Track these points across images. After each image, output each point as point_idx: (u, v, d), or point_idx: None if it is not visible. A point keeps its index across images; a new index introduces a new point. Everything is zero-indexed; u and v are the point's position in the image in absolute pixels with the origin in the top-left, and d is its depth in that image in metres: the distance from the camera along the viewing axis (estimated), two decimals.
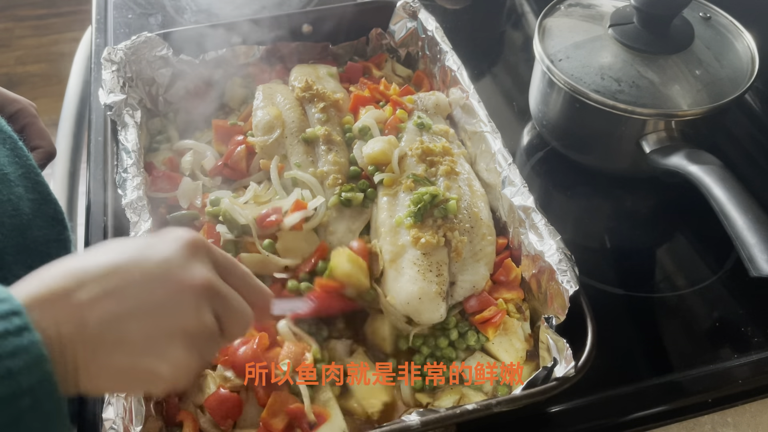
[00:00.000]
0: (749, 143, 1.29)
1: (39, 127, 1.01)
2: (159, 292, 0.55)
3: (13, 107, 0.99)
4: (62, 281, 0.52)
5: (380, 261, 0.98)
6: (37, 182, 0.92)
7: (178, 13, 1.59)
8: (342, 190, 1.03)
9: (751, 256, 0.87)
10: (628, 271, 1.11)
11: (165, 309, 0.55)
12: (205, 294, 0.57)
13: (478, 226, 1.00)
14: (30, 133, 1.00)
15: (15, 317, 0.48)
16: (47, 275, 0.53)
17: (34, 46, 3.51)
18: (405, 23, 1.34)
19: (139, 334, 0.54)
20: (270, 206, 1.00)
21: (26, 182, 0.89)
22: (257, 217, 0.98)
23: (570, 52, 1.14)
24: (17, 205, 0.86)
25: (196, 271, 0.58)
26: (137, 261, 0.56)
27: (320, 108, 1.14)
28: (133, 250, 0.57)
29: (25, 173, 0.90)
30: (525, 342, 0.92)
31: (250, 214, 0.99)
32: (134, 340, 0.53)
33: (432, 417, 0.76)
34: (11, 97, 1.00)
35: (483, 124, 1.10)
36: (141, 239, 0.63)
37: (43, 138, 1.01)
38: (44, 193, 0.93)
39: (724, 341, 1.00)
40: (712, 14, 1.19)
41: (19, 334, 0.47)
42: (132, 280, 0.55)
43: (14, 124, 0.95)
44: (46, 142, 1.01)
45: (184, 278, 0.57)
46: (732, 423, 0.92)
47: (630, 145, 1.10)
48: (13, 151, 0.88)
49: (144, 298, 0.55)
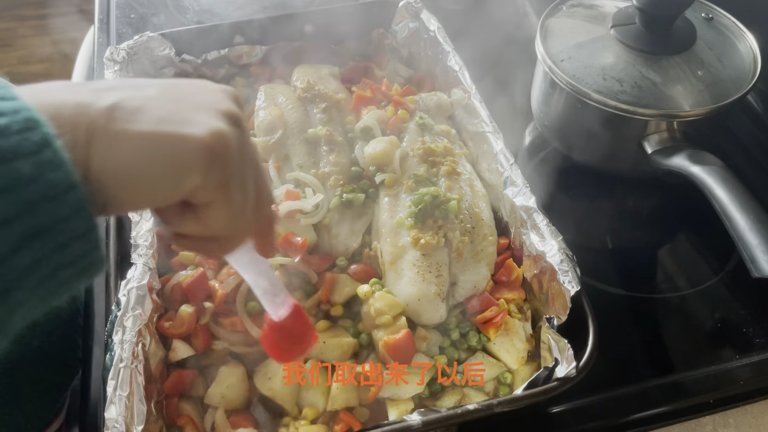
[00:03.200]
0: (751, 144, 1.29)
1: None
2: (184, 89, 0.51)
3: None
4: (62, 82, 0.47)
5: (380, 262, 0.98)
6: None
7: (180, 13, 1.59)
8: (343, 191, 1.04)
9: (753, 257, 0.87)
10: (629, 271, 1.11)
11: (191, 94, 0.50)
12: (234, 99, 0.53)
13: (480, 226, 1.00)
14: None
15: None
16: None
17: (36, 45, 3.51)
18: (407, 23, 1.34)
19: (161, 106, 0.47)
20: None
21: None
22: None
23: (572, 53, 1.14)
24: None
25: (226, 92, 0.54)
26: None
27: (322, 108, 1.15)
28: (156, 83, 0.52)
29: None
30: (526, 342, 0.92)
31: None
32: (158, 108, 0.47)
33: (433, 417, 0.76)
34: None
35: (485, 124, 1.10)
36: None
37: None
38: None
39: (725, 342, 1.00)
40: (714, 15, 1.19)
41: (1, 99, 0.40)
42: (152, 82, 0.50)
43: None
44: None
45: (213, 87, 0.53)
46: (733, 424, 0.92)
47: (632, 146, 1.10)
48: None
49: (166, 90, 0.50)
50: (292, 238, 0.96)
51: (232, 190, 0.51)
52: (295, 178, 1.05)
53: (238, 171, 0.51)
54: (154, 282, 0.90)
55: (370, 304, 0.91)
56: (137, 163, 0.45)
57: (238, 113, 0.53)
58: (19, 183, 0.38)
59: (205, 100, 0.51)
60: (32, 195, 0.39)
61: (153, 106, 0.47)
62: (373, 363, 0.88)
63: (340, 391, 0.86)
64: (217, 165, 0.48)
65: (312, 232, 1.01)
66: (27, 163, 0.38)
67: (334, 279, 0.96)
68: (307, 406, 0.87)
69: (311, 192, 1.03)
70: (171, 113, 0.48)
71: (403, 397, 0.86)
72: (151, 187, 0.47)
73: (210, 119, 0.49)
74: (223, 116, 0.51)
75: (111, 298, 0.87)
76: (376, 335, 0.90)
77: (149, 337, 0.85)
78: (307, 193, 1.03)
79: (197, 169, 0.47)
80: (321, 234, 1.02)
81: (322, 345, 0.90)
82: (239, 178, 0.52)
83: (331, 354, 0.90)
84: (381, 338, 0.88)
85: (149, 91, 0.49)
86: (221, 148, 0.48)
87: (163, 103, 0.48)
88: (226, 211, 0.51)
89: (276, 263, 0.94)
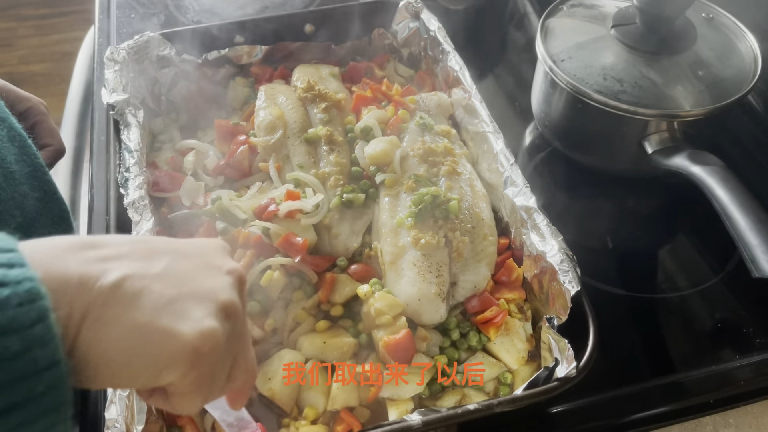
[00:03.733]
0: (752, 144, 1.29)
1: (49, 126, 1.01)
2: (189, 263, 0.50)
3: (24, 105, 0.99)
4: (73, 240, 0.47)
5: (381, 262, 0.98)
6: (44, 180, 0.92)
7: (180, 13, 1.59)
8: (344, 191, 1.04)
9: (753, 257, 0.87)
10: (630, 271, 1.11)
11: (195, 277, 0.50)
12: (238, 284, 0.53)
13: (480, 226, 1.00)
14: (40, 131, 1.00)
15: (7, 253, 0.42)
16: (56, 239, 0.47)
17: (37, 45, 3.52)
18: (407, 23, 1.34)
19: (162, 292, 0.47)
20: (267, 197, 1.01)
21: (32, 180, 0.89)
22: (255, 209, 0.99)
23: (572, 53, 1.14)
24: (21, 203, 0.86)
25: (231, 263, 0.54)
26: (168, 241, 0.52)
27: (322, 108, 1.14)
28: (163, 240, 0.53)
29: (32, 171, 0.90)
30: (526, 342, 0.92)
31: (249, 205, 1.00)
32: (158, 294, 0.47)
33: (433, 417, 0.76)
34: (22, 95, 1.00)
35: (485, 124, 1.10)
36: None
37: (52, 136, 1.01)
38: (50, 191, 0.93)
39: (726, 342, 1.00)
40: (714, 15, 1.19)
41: (9, 267, 0.40)
42: (160, 248, 0.50)
43: (24, 121, 0.96)
44: (55, 141, 1.01)
45: (219, 262, 0.53)
46: (734, 424, 0.92)
47: (632, 146, 1.10)
48: (21, 149, 0.89)
49: (173, 265, 0.49)
50: (293, 239, 0.96)
51: (206, 383, 0.50)
52: (295, 178, 1.05)
53: (219, 367, 0.51)
54: None
55: (370, 304, 0.91)
56: (122, 352, 0.45)
57: (236, 306, 0.52)
58: (3, 358, 0.38)
59: (208, 287, 0.51)
60: (14, 372, 0.39)
61: (154, 291, 0.47)
62: (373, 363, 0.88)
63: (341, 392, 0.86)
64: (198, 365, 0.48)
65: (312, 232, 1.01)
66: (17, 338, 0.39)
67: (334, 279, 0.96)
68: (308, 406, 0.87)
69: (311, 192, 1.03)
70: (169, 302, 0.47)
71: (403, 397, 0.86)
72: (131, 376, 0.47)
73: (205, 315, 0.49)
74: (221, 311, 0.50)
75: None
76: (376, 335, 0.90)
77: None
78: (308, 193, 1.03)
79: (178, 368, 0.47)
80: (321, 234, 1.02)
81: (322, 345, 0.90)
82: (218, 372, 0.51)
83: (331, 354, 0.90)
84: (381, 338, 0.88)
85: (156, 267, 0.48)
86: (207, 349, 0.48)
87: (166, 288, 0.48)
88: (196, 399, 0.51)
89: (276, 263, 0.94)
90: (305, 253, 0.96)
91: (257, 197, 1.04)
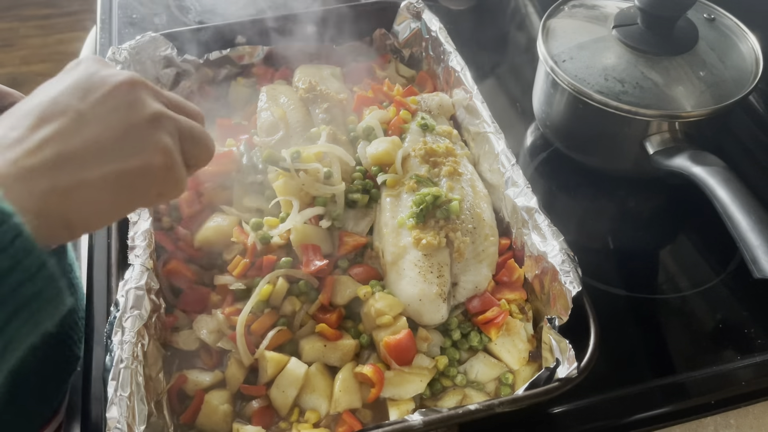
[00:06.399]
0: (753, 145, 1.29)
1: None
2: (108, 133, 0.55)
3: (7, 101, 0.99)
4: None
5: (382, 263, 0.98)
6: None
7: (182, 13, 1.60)
8: (347, 192, 1.04)
9: (754, 258, 0.87)
10: (631, 272, 1.11)
11: (113, 108, 0.56)
12: (157, 123, 0.59)
13: (481, 226, 1.00)
14: None
15: None
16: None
17: (38, 45, 3.52)
18: (409, 24, 1.34)
19: (101, 138, 0.54)
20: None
21: None
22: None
23: (574, 53, 1.14)
24: None
25: (144, 104, 0.59)
26: (75, 105, 0.55)
27: (324, 108, 1.15)
28: (66, 93, 0.56)
29: None
30: (528, 343, 0.92)
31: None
32: (98, 145, 0.54)
33: (434, 417, 0.76)
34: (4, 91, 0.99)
35: (486, 124, 1.10)
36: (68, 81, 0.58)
37: None
38: None
39: (727, 343, 1.00)
40: (716, 15, 1.19)
41: None
42: (74, 120, 0.54)
43: None
44: None
45: (130, 116, 0.57)
46: (735, 425, 0.92)
47: (633, 146, 1.10)
48: None
49: (88, 106, 0.55)
50: (312, 248, 0.97)
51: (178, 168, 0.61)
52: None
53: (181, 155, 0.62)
54: (152, 282, 0.90)
55: (371, 305, 0.91)
56: (117, 204, 0.56)
57: (159, 104, 0.60)
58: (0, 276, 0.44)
59: (129, 114, 0.57)
60: (12, 283, 0.45)
61: (92, 144, 0.53)
62: (374, 364, 0.88)
63: (343, 394, 0.86)
64: (171, 170, 0.59)
65: (329, 242, 1.01)
66: (5, 257, 0.44)
67: (335, 281, 0.96)
68: (309, 409, 0.87)
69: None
70: (114, 146, 0.55)
71: (404, 398, 0.86)
72: (125, 211, 0.58)
73: (151, 137, 0.58)
74: (156, 123, 0.59)
75: (111, 299, 0.87)
76: (377, 336, 0.90)
77: (148, 337, 0.85)
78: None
79: (156, 185, 0.58)
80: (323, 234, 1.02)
81: (323, 348, 0.90)
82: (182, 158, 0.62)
83: (332, 356, 0.90)
84: (382, 339, 0.88)
85: (72, 122, 0.54)
86: (171, 159, 0.58)
87: (101, 134, 0.54)
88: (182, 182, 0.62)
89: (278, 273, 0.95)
90: (321, 258, 0.96)
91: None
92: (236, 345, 0.89)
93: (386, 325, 0.89)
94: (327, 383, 0.88)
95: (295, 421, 0.86)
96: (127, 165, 0.55)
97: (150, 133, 0.58)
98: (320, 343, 0.90)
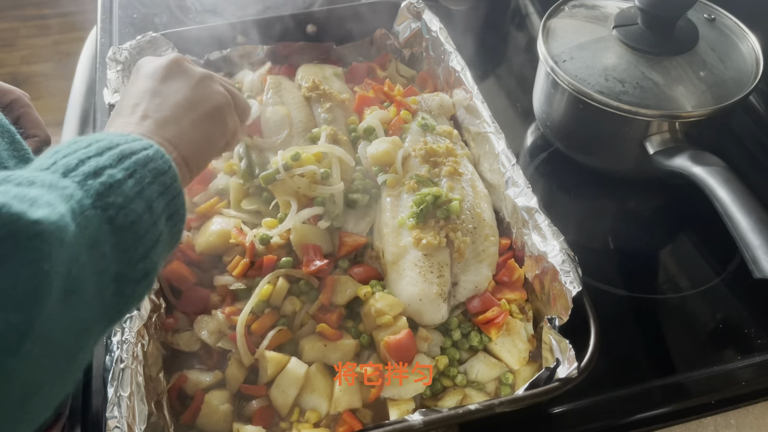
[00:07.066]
0: (753, 145, 1.29)
1: (34, 117, 1.01)
2: (180, 95, 0.79)
3: (7, 98, 0.99)
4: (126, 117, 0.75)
5: (382, 263, 0.98)
6: None
7: (182, 13, 1.60)
8: (347, 191, 1.04)
9: (754, 258, 0.87)
10: (631, 272, 1.11)
11: (193, 101, 0.79)
12: (208, 79, 0.83)
13: (481, 226, 1.00)
14: (25, 123, 1.00)
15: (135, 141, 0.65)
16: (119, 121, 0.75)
17: (39, 45, 3.52)
18: (409, 24, 1.34)
19: (185, 103, 0.78)
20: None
21: None
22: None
23: (574, 53, 1.14)
24: None
25: (194, 70, 0.83)
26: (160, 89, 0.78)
27: (326, 108, 1.15)
28: (143, 85, 0.79)
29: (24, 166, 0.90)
30: (528, 343, 0.92)
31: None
32: (183, 109, 0.77)
33: (434, 417, 0.76)
34: (4, 88, 0.99)
35: (487, 124, 1.10)
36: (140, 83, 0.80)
37: (38, 127, 1.01)
38: None
39: (727, 343, 1.00)
40: (716, 15, 1.19)
41: (144, 146, 0.64)
42: (157, 95, 0.78)
43: (9, 114, 0.95)
44: (41, 131, 1.01)
45: (189, 80, 0.81)
46: (735, 425, 0.92)
47: (634, 146, 1.10)
48: (11, 144, 0.88)
49: (175, 103, 0.78)
50: (312, 248, 0.97)
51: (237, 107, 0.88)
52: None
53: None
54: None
55: (371, 305, 0.91)
56: (204, 138, 0.78)
57: (202, 69, 0.85)
58: (169, 190, 0.64)
59: (188, 79, 0.81)
60: (172, 194, 0.65)
61: (174, 106, 0.77)
62: (374, 364, 0.88)
63: (343, 393, 0.86)
64: (231, 105, 0.84)
65: (329, 242, 1.01)
66: (166, 178, 0.64)
67: (335, 281, 0.96)
68: (309, 409, 0.87)
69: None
70: (189, 102, 0.78)
71: (404, 398, 0.86)
72: (217, 142, 0.82)
73: (209, 87, 0.82)
74: (208, 79, 0.83)
75: None
76: (377, 336, 0.90)
77: (148, 337, 0.85)
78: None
79: (227, 118, 0.83)
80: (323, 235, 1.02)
81: (323, 347, 0.90)
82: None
83: (332, 356, 0.90)
84: (382, 338, 0.88)
85: (156, 97, 0.78)
86: (228, 98, 0.84)
87: (178, 99, 0.78)
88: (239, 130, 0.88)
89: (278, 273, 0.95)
90: (322, 256, 0.96)
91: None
92: (236, 345, 0.89)
93: (386, 325, 0.89)
94: (327, 383, 0.88)
95: (296, 421, 0.86)
96: (203, 109, 0.79)
97: (207, 85, 0.82)
98: (320, 343, 0.90)
